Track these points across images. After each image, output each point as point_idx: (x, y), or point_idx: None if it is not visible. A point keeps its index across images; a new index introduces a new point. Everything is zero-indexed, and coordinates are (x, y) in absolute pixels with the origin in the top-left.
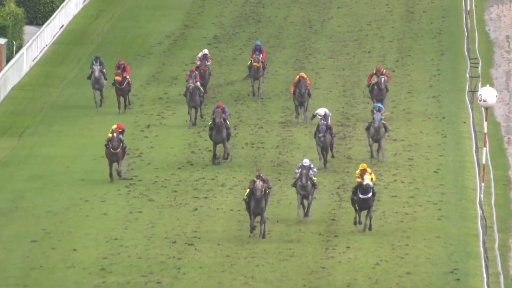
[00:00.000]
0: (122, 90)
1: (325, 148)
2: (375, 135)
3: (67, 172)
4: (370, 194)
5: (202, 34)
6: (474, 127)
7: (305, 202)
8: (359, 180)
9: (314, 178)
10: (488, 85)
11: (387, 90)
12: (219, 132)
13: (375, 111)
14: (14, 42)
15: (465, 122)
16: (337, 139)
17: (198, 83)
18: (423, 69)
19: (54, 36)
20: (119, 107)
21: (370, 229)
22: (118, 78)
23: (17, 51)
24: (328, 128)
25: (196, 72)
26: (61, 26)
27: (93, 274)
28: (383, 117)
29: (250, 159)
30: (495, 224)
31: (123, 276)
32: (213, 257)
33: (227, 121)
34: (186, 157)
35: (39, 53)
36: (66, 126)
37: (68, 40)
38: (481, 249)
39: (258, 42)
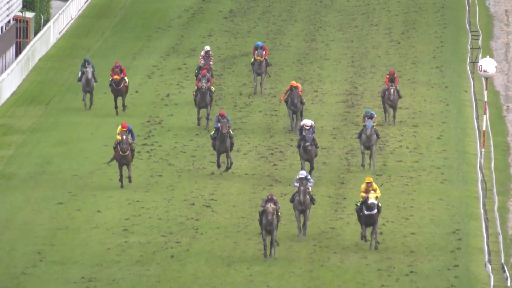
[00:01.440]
0: (119, 91)
1: (309, 160)
2: (367, 142)
3: (91, 138)
4: (375, 211)
5: (219, 8)
6: (475, 96)
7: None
8: (363, 195)
9: (311, 192)
10: (488, 56)
11: (399, 96)
12: (223, 142)
13: (366, 118)
14: (42, 16)
15: (466, 91)
16: (346, 107)
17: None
18: (427, 41)
19: (79, 10)
20: (116, 108)
21: (376, 247)
22: (117, 77)
23: (44, 24)
24: (314, 139)
25: (209, 75)
26: (86, 1)
27: (116, 234)
28: (375, 124)
29: (264, 125)
30: (494, 187)
31: (144, 236)
32: (229, 218)
33: (230, 130)
34: (203, 124)
35: (65, 26)
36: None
37: (92, 13)
38: (482, 210)
39: (259, 43)
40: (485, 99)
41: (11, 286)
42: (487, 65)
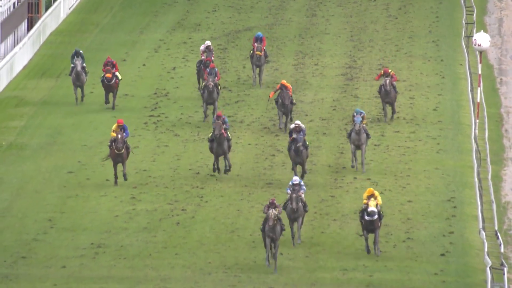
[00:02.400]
0: (111, 86)
1: (301, 163)
2: (357, 140)
3: (100, 110)
4: (376, 217)
5: None
6: (469, 69)
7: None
8: (365, 201)
9: (304, 198)
10: (482, 31)
11: (396, 91)
12: (220, 145)
13: (355, 115)
14: None
15: (461, 64)
16: (345, 79)
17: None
18: (423, 16)
19: None
20: (106, 102)
21: (377, 254)
22: (109, 75)
23: (55, 0)
24: (304, 141)
25: (216, 70)
26: None
27: (124, 202)
28: (364, 122)
29: (266, 97)
30: (488, 157)
31: (151, 204)
32: (232, 186)
33: (228, 132)
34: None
35: (75, 1)
36: (100, 68)
37: None
38: (476, 179)
39: (259, 33)
40: (479, 72)
41: (23, 251)
42: (481, 39)
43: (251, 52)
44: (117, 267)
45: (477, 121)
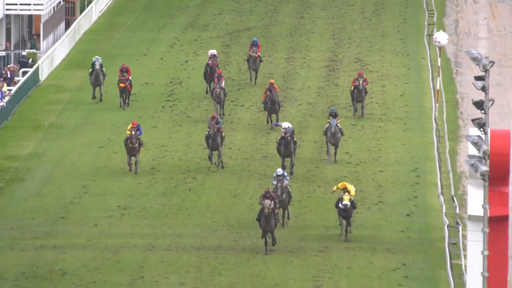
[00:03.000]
0: (124, 89)
1: (289, 155)
2: (332, 138)
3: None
4: (349, 204)
5: None
6: (430, 62)
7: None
8: (335, 189)
9: (289, 188)
10: (441, 30)
11: (366, 92)
12: (214, 140)
13: (331, 117)
14: None
15: (424, 58)
16: (328, 70)
17: (223, 84)
18: (392, 18)
19: None
20: (121, 104)
21: (346, 239)
22: (122, 84)
23: (88, 4)
24: (292, 138)
25: (223, 75)
26: None
27: (146, 172)
28: (338, 121)
29: (263, 85)
30: (446, 134)
31: (168, 173)
32: (234, 159)
33: (221, 130)
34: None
35: (105, 6)
36: (125, 60)
37: None
38: (436, 153)
39: (255, 39)
40: (439, 65)
41: (62, 213)
42: (441, 37)
43: (248, 56)
44: (140, 226)
45: (437, 105)
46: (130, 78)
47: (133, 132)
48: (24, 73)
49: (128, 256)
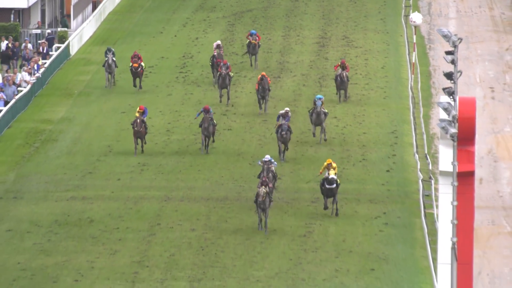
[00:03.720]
0: (137, 73)
1: (285, 143)
2: (317, 119)
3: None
4: (335, 185)
5: None
6: (407, 39)
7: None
8: (322, 170)
9: (274, 170)
10: (416, 11)
11: (348, 80)
12: (206, 129)
13: (316, 100)
14: None
15: (401, 36)
16: (319, 46)
17: (229, 71)
18: (374, 1)
19: None
20: (134, 86)
21: (336, 214)
22: (135, 64)
23: None
24: (289, 127)
25: (229, 64)
26: None
27: (162, 134)
28: (322, 105)
29: (263, 61)
30: (420, 101)
31: (181, 135)
32: (238, 122)
33: (213, 118)
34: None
35: None
36: (144, 37)
37: None
38: (411, 117)
39: (253, 31)
40: (414, 41)
41: (89, 168)
42: (416, 17)
43: (248, 42)
44: (157, 180)
45: (413, 76)
46: (142, 63)
47: (138, 119)
48: (57, 48)
49: (147, 206)
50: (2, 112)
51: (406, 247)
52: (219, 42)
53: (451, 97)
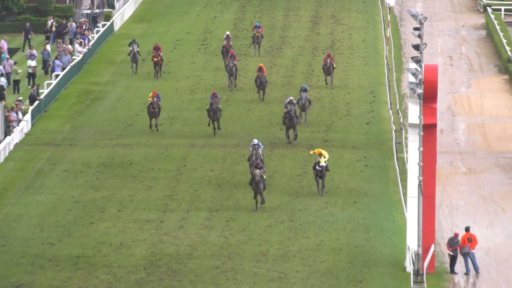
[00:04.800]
0: (157, 63)
1: (293, 127)
2: (302, 107)
3: (171, 40)
4: (325, 165)
5: None
6: (383, 18)
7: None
8: (312, 153)
9: (261, 153)
10: None
11: (333, 68)
12: (215, 114)
13: (302, 91)
14: None
15: (378, 15)
16: (312, 24)
17: (235, 62)
18: None
19: None
20: (155, 74)
21: (321, 194)
22: (155, 59)
23: None
24: (295, 112)
25: (235, 54)
26: None
27: (187, 93)
28: (307, 94)
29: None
30: (393, 67)
31: (202, 94)
32: (248, 85)
33: (219, 104)
34: (235, 33)
35: None
36: (173, 16)
37: None
38: (386, 80)
39: (257, 23)
40: (389, 20)
41: (129, 121)
42: (390, 0)
43: (253, 34)
44: (183, 130)
45: (387, 47)
46: (161, 54)
47: (155, 99)
48: (104, 25)
49: (175, 151)
50: (60, 77)
51: (382, 184)
52: (228, 33)
53: (418, 64)
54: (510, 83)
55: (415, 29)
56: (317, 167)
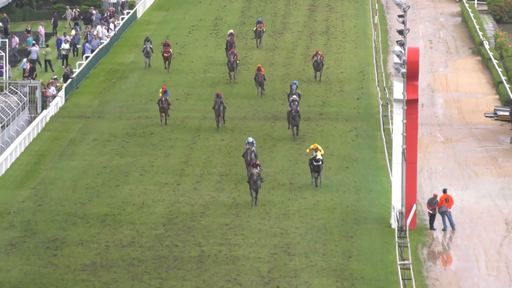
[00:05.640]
0: (167, 58)
1: (296, 125)
2: (292, 102)
3: (187, 26)
4: (320, 162)
5: None
6: (371, 6)
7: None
8: (308, 150)
9: (255, 150)
10: None
11: (322, 64)
12: (218, 109)
13: (292, 85)
14: None
15: (367, 4)
16: (310, 12)
17: (236, 58)
18: None
19: None
20: (165, 67)
21: (317, 185)
22: (166, 54)
23: None
24: (298, 111)
25: (235, 52)
26: None
27: (200, 72)
28: (297, 88)
29: (271, 21)
30: (381, 50)
31: (213, 73)
32: (254, 65)
33: (223, 102)
34: (243, 20)
35: None
36: (188, 5)
37: None
38: (374, 61)
39: (259, 19)
40: (376, 8)
41: (150, 96)
42: None
43: (255, 29)
44: (197, 105)
45: (375, 32)
46: (170, 50)
47: (163, 97)
48: (128, 13)
49: (190, 123)
50: (90, 58)
51: (370, 151)
52: (231, 30)
53: (402, 47)
54: (482, 63)
55: (400, 16)
56: (314, 163)
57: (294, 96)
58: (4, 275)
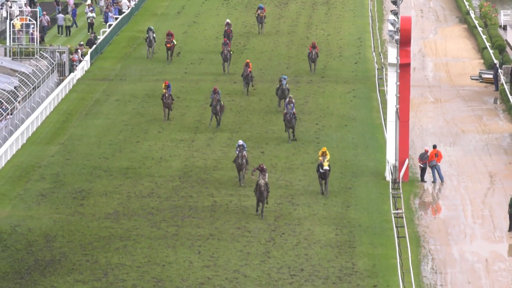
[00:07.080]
0: (170, 48)
1: (292, 127)
2: (282, 94)
3: (200, 19)
4: (328, 168)
5: None
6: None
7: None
8: (320, 158)
9: (246, 156)
10: None
11: (317, 56)
12: (215, 107)
13: (282, 79)
14: None
15: None
16: (307, 6)
17: (229, 49)
18: None
19: None
20: (167, 58)
21: (326, 195)
22: (168, 45)
23: None
24: (293, 114)
25: (228, 42)
26: None
27: (212, 38)
28: (287, 83)
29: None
30: (376, 18)
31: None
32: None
33: (221, 100)
34: (245, 13)
35: None
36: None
37: None
38: (370, 29)
39: (261, 5)
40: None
41: (161, 69)
42: None
43: (257, 14)
44: (210, 69)
45: (371, 2)
46: (173, 40)
47: (167, 93)
48: None
49: (203, 85)
50: (113, 25)
51: (367, 111)
52: (228, 20)
53: (396, 16)
54: (468, 31)
55: None
56: (320, 170)
57: (291, 96)
58: (36, 223)
